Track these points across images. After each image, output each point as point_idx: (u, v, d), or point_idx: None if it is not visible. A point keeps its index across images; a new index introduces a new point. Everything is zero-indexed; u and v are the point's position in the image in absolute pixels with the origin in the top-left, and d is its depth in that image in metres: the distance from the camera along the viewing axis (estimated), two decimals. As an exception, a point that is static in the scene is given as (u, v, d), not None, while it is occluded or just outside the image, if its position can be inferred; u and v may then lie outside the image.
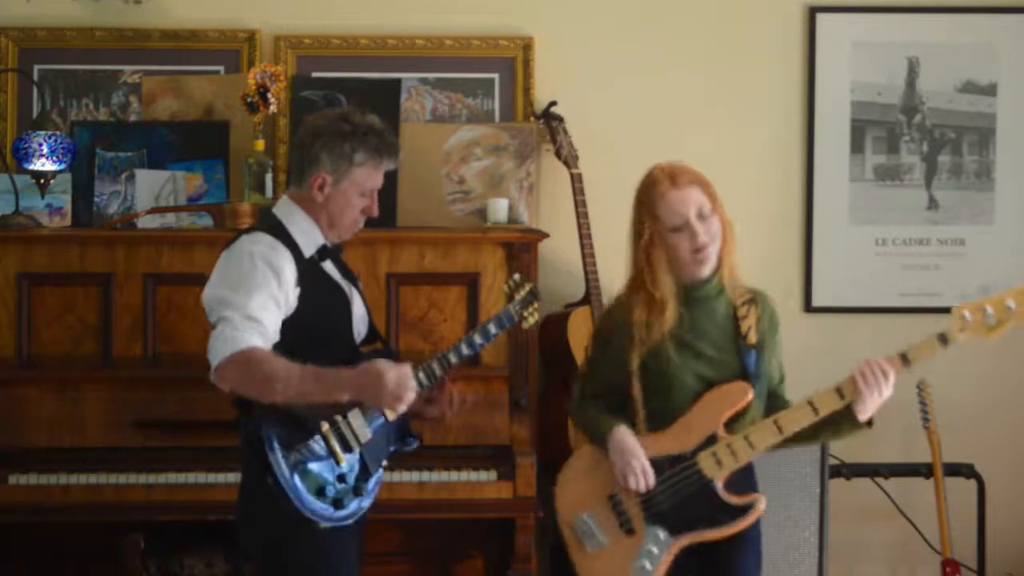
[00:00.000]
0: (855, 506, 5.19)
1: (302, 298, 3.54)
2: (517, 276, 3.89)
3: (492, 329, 3.76)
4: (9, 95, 5.03)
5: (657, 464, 3.61)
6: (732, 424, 3.58)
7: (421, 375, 3.63)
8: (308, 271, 3.57)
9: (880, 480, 5.13)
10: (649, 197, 3.59)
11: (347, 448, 3.55)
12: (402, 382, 3.45)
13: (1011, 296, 3.43)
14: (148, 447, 4.45)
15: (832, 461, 4.91)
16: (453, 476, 4.43)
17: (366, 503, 3.62)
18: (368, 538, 3.96)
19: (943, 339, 3.45)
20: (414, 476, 4.41)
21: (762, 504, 3.57)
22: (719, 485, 3.57)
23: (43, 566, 4.57)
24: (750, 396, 3.56)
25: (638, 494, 3.63)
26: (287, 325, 3.51)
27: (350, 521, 3.57)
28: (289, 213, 3.62)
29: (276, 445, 3.45)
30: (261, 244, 3.52)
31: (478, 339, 3.73)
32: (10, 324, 4.59)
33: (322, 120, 3.65)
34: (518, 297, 3.83)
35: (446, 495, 4.42)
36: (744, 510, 3.56)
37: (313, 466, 3.50)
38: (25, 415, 4.45)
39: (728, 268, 3.62)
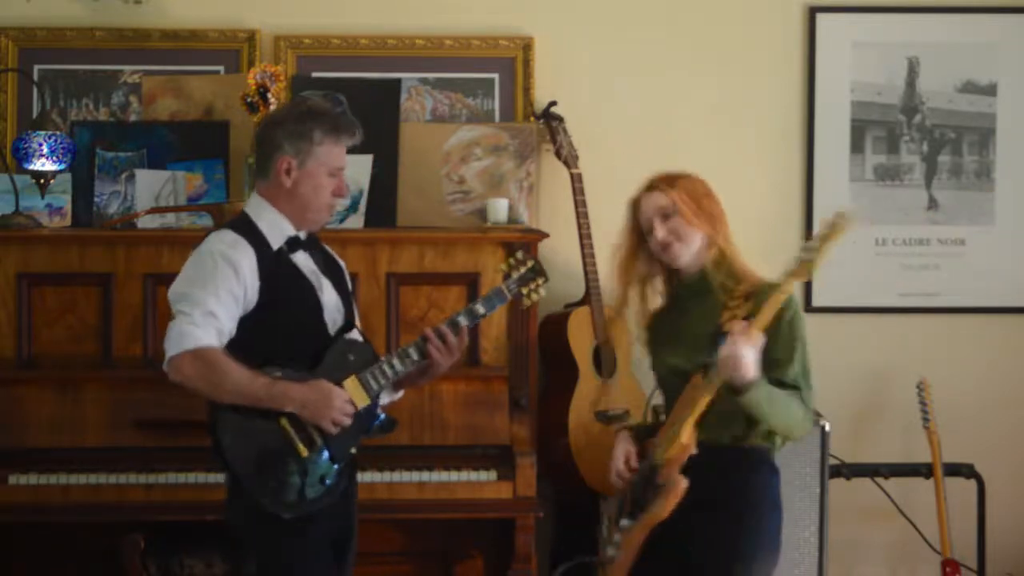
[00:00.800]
0: (855, 506, 5.19)
1: (265, 291, 3.61)
2: (520, 253, 3.92)
3: (480, 309, 3.81)
4: (9, 95, 5.03)
5: (643, 461, 3.68)
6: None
7: (395, 360, 3.71)
8: (273, 264, 3.63)
9: (880, 480, 5.13)
10: (629, 209, 3.79)
11: (309, 441, 3.59)
12: (344, 409, 3.60)
13: (823, 226, 3.47)
14: (148, 447, 4.45)
15: (832, 461, 4.91)
16: (453, 476, 4.43)
17: (330, 493, 3.64)
18: (368, 538, 3.97)
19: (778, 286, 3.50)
20: (414, 476, 4.41)
21: (678, 484, 3.50)
22: (665, 469, 3.55)
23: (43, 566, 4.56)
24: (704, 392, 3.50)
25: (628, 489, 3.68)
26: (251, 318, 3.61)
27: (315, 510, 3.62)
28: (257, 207, 3.70)
29: (232, 440, 3.58)
30: (222, 242, 3.62)
31: (463, 320, 3.77)
32: (10, 324, 4.59)
33: (277, 112, 3.80)
34: (515, 275, 3.85)
35: (446, 495, 4.42)
36: (660, 488, 3.54)
37: (275, 460, 3.57)
38: (25, 415, 4.45)
39: (720, 258, 3.63)
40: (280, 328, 3.63)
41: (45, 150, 4.64)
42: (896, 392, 5.25)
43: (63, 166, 4.70)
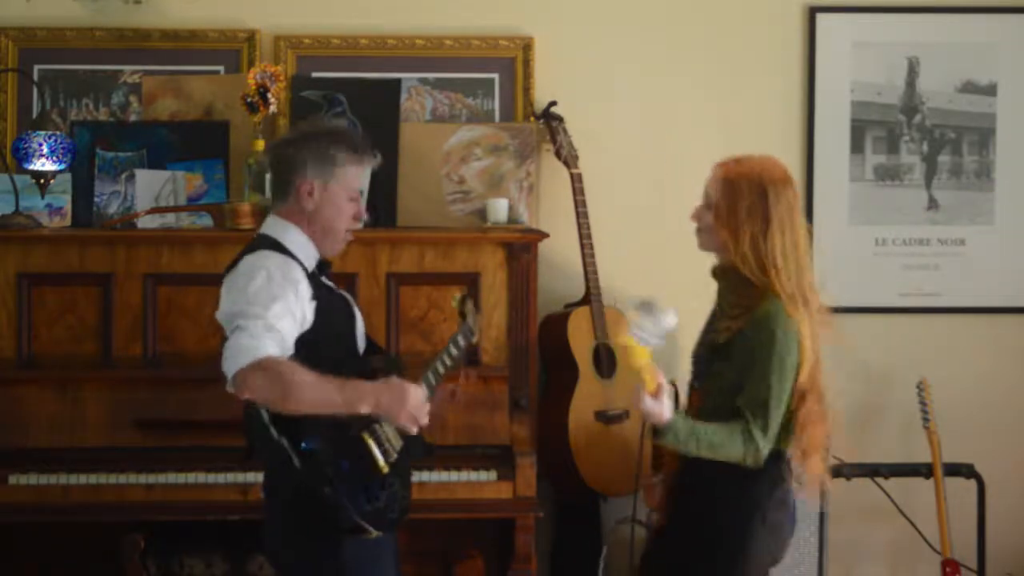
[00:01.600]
0: (855, 506, 5.19)
1: (318, 313, 3.51)
2: (458, 294, 3.90)
3: (461, 341, 3.77)
4: (9, 95, 5.03)
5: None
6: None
7: (429, 375, 3.63)
8: (316, 285, 3.55)
9: (880, 480, 5.12)
10: None
11: (387, 456, 3.50)
12: (420, 403, 3.45)
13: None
14: (148, 447, 4.45)
15: (832, 461, 4.90)
16: (453, 476, 4.43)
17: (403, 509, 3.60)
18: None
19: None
20: (414, 476, 4.40)
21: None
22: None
23: (43, 566, 4.57)
24: (646, 389, 3.49)
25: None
26: (301, 341, 3.47)
27: (392, 528, 3.56)
28: (283, 230, 3.58)
29: (326, 456, 3.42)
30: (272, 259, 3.49)
31: (454, 350, 3.72)
32: (10, 324, 4.59)
33: (292, 133, 3.68)
34: (467, 311, 3.84)
35: (446, 495, 4.42)
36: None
37: (358, 474, 3.46)
38: (25, 415, 4.45)
39: (733, 266, 3.56)
40: (326, 352, 3.50)
41: (45, 150, 4.64)
42: (896, 392, 5.25)
43: (63, 166, 4.70)
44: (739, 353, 3.50)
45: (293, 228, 3.57)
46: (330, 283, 3.67)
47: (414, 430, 3.50)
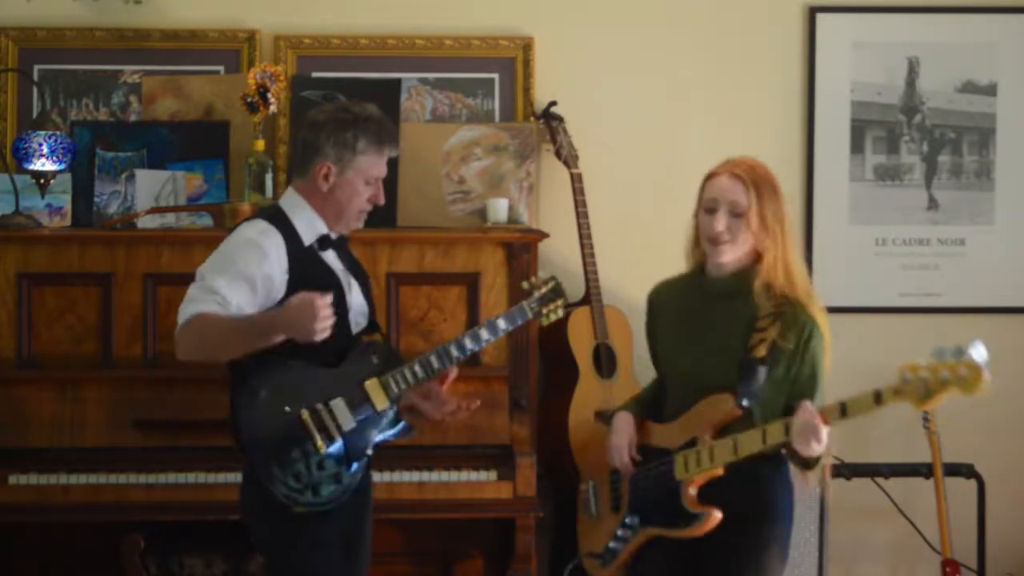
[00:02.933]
0: (855, 506, 5.19)
1: (292, 284, 3.59)
2: (542, 274, 3.95)
3: (502, 324, 3.78)
4: (9, 95, 5.03)
5: (647, 452, 3.65)
6: (724, 433, 3.53)
7: (417, 367, 3.69)
8: (304, 259, 3.63)
9: (880, 480, 5.12)
10: (706, 176, 3.62)
11: (328, 436, 3.58)
12: (325, 310, 3.49)
13: (946, 368, 3.37)
14: (148, 447, 4.45)
15: (832, 461, 4.90)
16: (453, 476, 4.43)
17: (345, 490, 3.64)
18: (368, 538, 3.96)
19: (878, 398, 3.40)
20: (414, 476, 4.41)
21: (713, 519, 3.49)
22: (686, 488, 3.54)
23: (43, 566, 4.56)
24: (735, 413, 3.48)
25: (629, 478, 3.67)
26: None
27: (329, 506, 3.61)
28: (294, 203, 3.70)
29: (254, 431, 3.59)
30: (254, 228, 3.63)
31: (485, 334, 3.76)
32: (10, 324, 4.59)
33: (322, 113, 3.72)
34: (536, 294, 3.83)
35: (446, 495, 4.42)
36: (694, 518, 3.53)
37: (292, 453, 3.57)
38: (25, 415, 4.45)
39: (767, 275, 3.53)
40: None
41: (45, 150, 4.64)
42: (896, 392, 5.24)
43: (63, 166, 4.70)
44: (786, 364, 3.50)
45: (304, 203, 3.69)
46: (336, 259, 3.72)
47: (320, 334, 3.50)
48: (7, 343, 4.59)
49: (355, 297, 3.75)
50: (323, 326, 3.50)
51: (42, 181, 4.67)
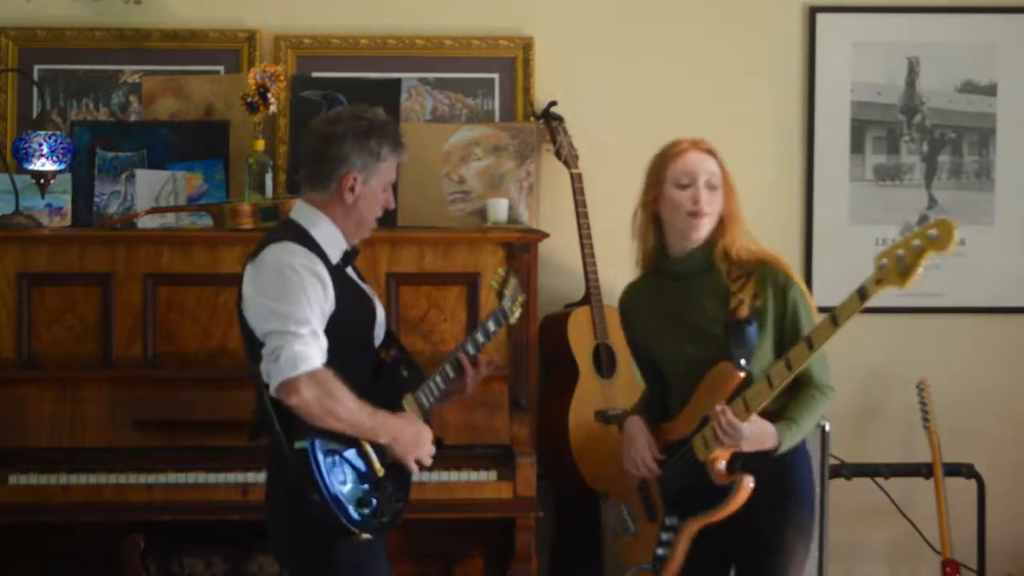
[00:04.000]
0: (855, 506, 5.19)
1: (337, 306, 3.52)
2: (501, 271, 3.92)
3: (491, 327, 3.81)
4: (9, 95, 5.03)
5: (670, 449, 3.67)
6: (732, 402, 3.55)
7: (438, 379, 3.69)
8: (338, 278, 3.56)
9: (880, 480, 5.13)
10: (665, 156, 3.65)
11: (383, 458, 3.55)
12: (430, 450, 3.61)
13: (916, 237, 3.32)
14: (148, 447, 4.45)
15: (832, 461, 4.91)
16: (453, 476, 4.43)
17: (396, 515, 3.62)
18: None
19: (862, 293, 3.38)
20: (414, 476, 4.40)
21: (745, 485, 3.51)
22: (713, 467, 3.55)
23: (43, 566, 4.56)
24: (737, 376, 3.51)
25: (656, 480, 3.68)
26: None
27: (379, 527, 3.57)
28: (312, 218, 3.58)
29: (320, 459, 3.45)
30: (299, 255, 3.49)
31: (481, 338, 3.78)
32: (10, 324, 4.59)
33: (335, 124, 3.60)
34: (507, 292, 3.85)
35: (446, 495, 4.42)
36: (728, 490, 3.54)
37: (352, 477, 3.50)
38: (25, 415, 4.45)
39: (725, 246, 3.60)
40: (343, 343, 3.52)
41: (45, 150, 4.63)
42: (896, 392, 5.25)
43: (63, 166, 4.70)
44: (771, 317, 3.56)
45: (325, 219, 3.58)
46: (353, 274, 3.69)
47: (416, 469, 3.61)
48: (7, 343, 4.59)
49: (380, 312, 3.71)
50: (426, 462, 3.61)
51: (42, 181, 4.67)
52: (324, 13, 5.09)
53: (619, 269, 4.98)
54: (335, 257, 3.58)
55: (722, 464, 3.55)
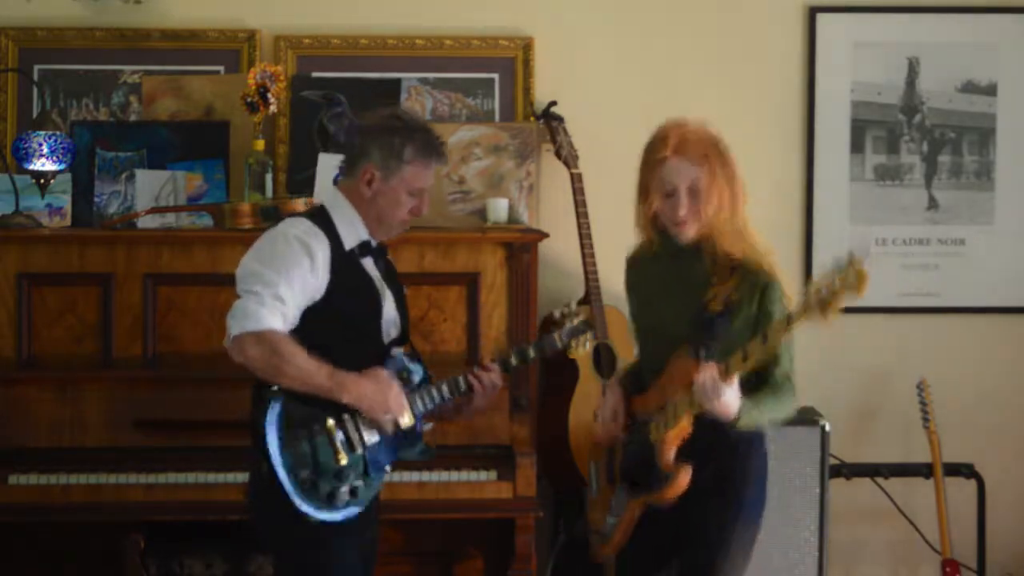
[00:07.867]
0: (855, 506, 5.19)
1: (332, 288, 3.57)
2: (573, 304, 3.90)
3: (531, 353, 3.81)
4: (9, 95, 5.03)
5: (634, 424, 3.68)
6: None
7: (444, 387, 3.70)
8: (344, 263, 3.61)
9: (880, 480, 5.13)
10: (649, 163, 3.66)
11: (350, 448, 3.57)
12: (400, 404, 3.59)
13: (838, 279, 3.33)
14: (148, 447, 4.45)
15: (832, 461, 4.91)
16: (453, 476, 4.43)
17: (360, 505, 3.61)
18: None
19: (788, 320, 3.39)
20: (414, 476, 4.41)
21: (683, 475, 3.51)
22: (662, 450, 3.55)
23: (43, 566, 4.57)
24: (695, 368, 3.48)
25: (622, 446, 3.70)
26: (314, 312, 3.56)
27: (339, 518, 3.57)
28: (336, 203, 3.68)
29: (276, 433, 3.52)
30: (299, 227, 3.59)
31: (514, 360, 3.78)
32: (10, 324, 4.59)
33: (373, 117, 3.72)
34: (568, 325, 3.84)
35: (446, 495, 4.42)
36: (667, 476, 3.54)
37: (310, 459, 3.53)
38: (25, 415, 4.45)
39: (714, 242, 3.58)
40: (339, 329, 3.59)
41: (45, 150, 4.64)
42: (896, 392, 5.25)
43: (63, 166, 4.70)
44: (744, 316, 3.55)
45: (347, 205, 3.67)
46: (374, 267, 3.70)
47: (390, 428, 3.59)
48: (7, 343, 4.59)
49: (388, 306, 3.72)
50: (389, 416, 3.57)
51: (42, 181, 4.68)
52: (324, 13, 5.10)
53: (619, 269, 5.01)
54: (350, 243, 3.64)
55: (671, 451, 3.55)
